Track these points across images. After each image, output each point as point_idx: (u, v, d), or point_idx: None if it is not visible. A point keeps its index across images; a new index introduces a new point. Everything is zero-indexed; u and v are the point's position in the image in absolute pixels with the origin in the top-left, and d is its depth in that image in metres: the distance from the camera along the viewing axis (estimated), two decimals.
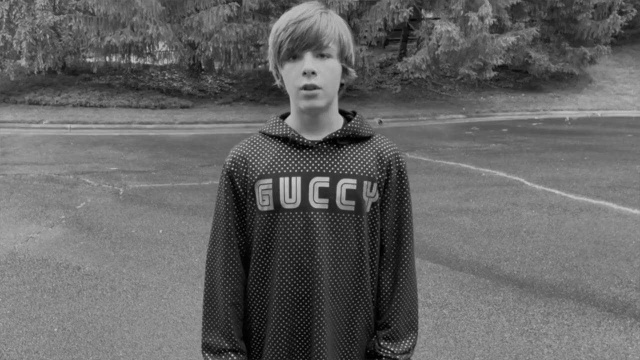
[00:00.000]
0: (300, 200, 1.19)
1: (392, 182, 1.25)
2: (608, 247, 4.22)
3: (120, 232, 4.56)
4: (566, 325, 2.99)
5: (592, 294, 3.38)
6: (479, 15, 12.36)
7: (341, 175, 1.19)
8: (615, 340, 2.82)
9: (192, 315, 3.09)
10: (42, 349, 2.73)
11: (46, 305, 3.21)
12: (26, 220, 4.88)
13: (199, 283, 3.54)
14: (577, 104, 15.94)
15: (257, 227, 1.23)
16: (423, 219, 4.95)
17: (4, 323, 3.00)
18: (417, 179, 6.62)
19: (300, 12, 1.13)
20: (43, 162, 7.73)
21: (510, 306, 3.21)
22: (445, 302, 3.27)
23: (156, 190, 6.09)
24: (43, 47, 12.23)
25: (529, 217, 5.03)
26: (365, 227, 1.23)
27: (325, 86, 1.13)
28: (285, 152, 1.21)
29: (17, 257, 3.97)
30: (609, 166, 7.38)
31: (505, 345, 2.77)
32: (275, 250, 1.21)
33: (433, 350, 2.72)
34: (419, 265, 3.84)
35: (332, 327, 1.22)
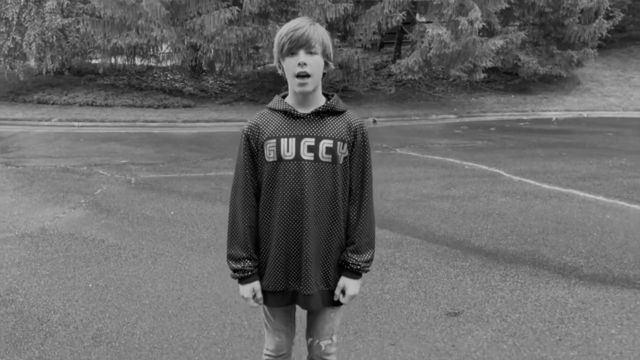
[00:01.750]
0: (295, 154, 1.74)
1: (357, 143, 1.81)
2: (568, 226, 4.79)
3: (136, 214, 5.11)
4: (519, 282, 3.56)
5: (546, 261, 3.95)
6: (469, 20, 12.94)
7: (322, 137, 1.75)
8: (559, 293, 3.39)
9: (204, 275, 3.65)
10: (81, 299, 3.28)
11: (79, 268, 3.77)
12: (50, 203, 5.44)
13: (208, 252, 4.09)
14: (565, 105, 16.52)
15: (265, 173, 1.79)
16: (407, 204, 5.51)
17: (45, 281, 3.55)
18: (405, 171, 7.19)
19: (296, 24, 1.70)
20: (57, 155, 8.28)
21: (475, 269, 3.78)
22: (420, 266, 3.84)
23: (165, 180, 6.64)
24: (51, 48, 12.79)
25: (502, 202, 5.60)
26: (339, 174, 1.79)
27: (313, 73, 1.69)
28: (285, 121, 1.77)
29: (48, 232, 4.53)
30: (584, 160, 7.96)
31: (466, 297, 3.34)
32: (277, 188, 1.77)
33: (406, 300, 3.28)
34: (400, 239, 4.41)
35: (315, 244, 1.78)
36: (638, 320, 3.03)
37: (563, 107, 16.36)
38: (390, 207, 5.38)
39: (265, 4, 13.20)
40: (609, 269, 3.80)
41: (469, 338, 2.84)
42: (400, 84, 17.18)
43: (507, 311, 3.15)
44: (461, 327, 2.96)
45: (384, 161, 7.98)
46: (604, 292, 3.41)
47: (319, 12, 12.57)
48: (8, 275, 3.62)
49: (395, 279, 3.61)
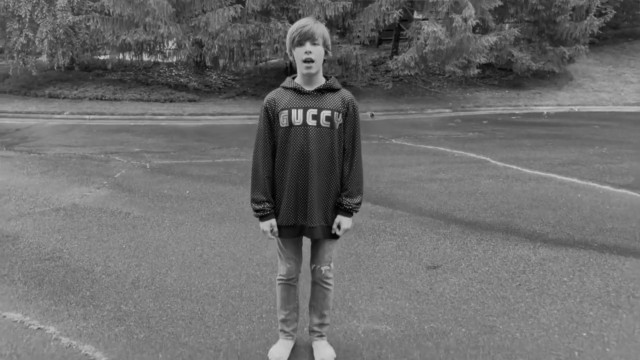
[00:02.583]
0: (302, 121, 2.31)
1: (349, 113, 2.38)
2: (541, 202, 5.37)
3: (155, 192, 5.69)
4: (492, 245, 4.14)
5: (518, 229, 4.53)
6: (463, 17, 13.48)
7: (323, 108, 2.32)
8: (524, 253, 3.97)
9: (220, 239, 4.22)
10: (118, 256, 3.85)
11: (111, 234, 4.34)
12: (76, 184, 6.01)
13: (223, 222, 4.66)
14: (557, 100, 17.08)
15: (279, 136, 2.36)
16: (399, 185, 6.09)
17: (84, 243, 4.12)
18: (398, 158, 7.77)
19: (304, 22, 2.27)
20: (74, 144, 8.85)
21: (454, 235, 4.36)
22: (407, 233, 4.42)
23: (177, 165, 7.21)
24: (62, 45, 13.33)
25: (485, 184, 6.17)
26: (335, 137, 2.36)
27: (316, 59, 2.25)
28: (295, 96, 2.34)
29: (79, 207, 5.10)
30: (566, 149, 8.54)
31: (445, 255, 3.91)
32: (289, 147, 2.34)
33: (393, 257, 3.86)
34: (391, 212, 4.99)
35: (317, 190, 2.35)
36: (588, 272, 3.61)
37: (555, 101, 16.92)
38: (383, 188, 5.96)
39: (267, 2, 13.74)
40: (571, 235, 4.38)
41: (444, 284, 3.42)
42: (398, 79, 17.74)
43: (479, 265, 3.73)
44: (438, 277, 3.54)
45: (379, 150, 8.55)
46: (563, 252, 3.99)
47: (319, 10, 13.11)
48: (52, 239, 4.20)
49: (385, 242, 4.19)
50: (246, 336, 2.77)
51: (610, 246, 4.11)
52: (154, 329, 2.83)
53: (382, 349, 2.65)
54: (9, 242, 4.12)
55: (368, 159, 7.53)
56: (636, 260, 3.82)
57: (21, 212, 4.91)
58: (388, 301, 3.17)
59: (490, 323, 2.92)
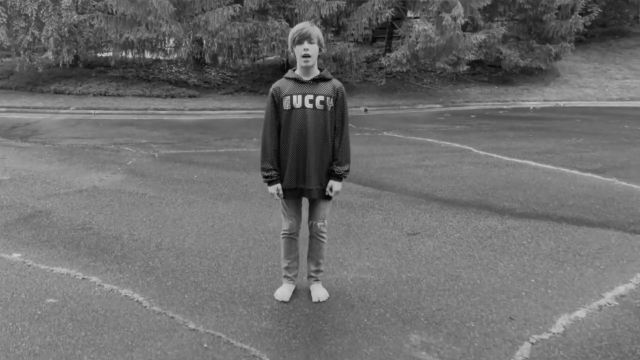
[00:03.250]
0: (301, 105, 2.91)
1: (339, 98, 2.98)
2: (514, 184, 5.99)
3: (166, 177, 6.27)
4: (465, 217, 4.75)
5: (490, 205, 5.14)
6: (452, 16, 14.08)
7: (318, 94, 2.92)
8: (493, 223, 4.58)
9: (229, 214, 4.81)
10: (140, 226, 4.44)
11: (132, 210, 4.93)
12: (93, 170, 6.59)
13: (230, 200, 5.25)
14: (544, 96, 17.71)
15: (283, 117, 2.95)
16: (387, 171, 6.70)
17: (109, 217, 4.70)
18: (388, 149, 8.37)
19: (302, 26, 2.86)
20: (84, 137, 9.41)
21: (433, 210, 4.97)
22: (392, 208, 5.02)
23: (183, 154, 7.79)
24: (67, 42, 13.86)
25: (466, 170, 6.79)
26: (328, 117, 2.95)
27: (312, 55, 2.85)
28: (295, 85, 2.94)
29: (99, 189, 5.68)
30: (545, 140, 9.17)
31: (424, 225, 4.52)
32: (291, 126, 2.93)
33: (379, 227, 4.46)
34: (379, 193, 5.59)
35: (314, 159, 2.94)
36: (544, 237, 4.23)
37: (542, 97, 17.55)
38: (373, 173, 6.57)
39: (265, 2, 14.29)
40: (535, 209, 5.00)
41: (421, 245, 4.03)
42: (391, 76, 18.34)
43: (452, 232, 4.35)
44: (417, 240, 4.15)
45: (371, 142, 9.15)
46: (526, 222, 4.61)
47: (314, 9, 13.69)
48: (80, 214, 4.78)
49: (372, 215, 4.80)
50: (255, 283, 3.37)
51: (568, 218, 4.73)
52: (178, 278, 3.43)
53: (367, 291, 3.25)
54: (43, 216, 4.71)
55: (360, 149, 8.15)
56: (588, 228, 4.45)
57: (48, 193, 5.49)
58: (373, 259, 3.78)
59: (457, 273, 3.53)
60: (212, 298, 3.15)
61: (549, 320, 2.90)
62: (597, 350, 2.60)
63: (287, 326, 2.84)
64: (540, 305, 3.07)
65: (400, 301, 3.12)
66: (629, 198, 5.39)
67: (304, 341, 2.69)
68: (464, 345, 2.65)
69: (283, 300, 3.12)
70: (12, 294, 3.19)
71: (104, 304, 3.07)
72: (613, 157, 7.53)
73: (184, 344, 2.64)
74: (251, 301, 3.12)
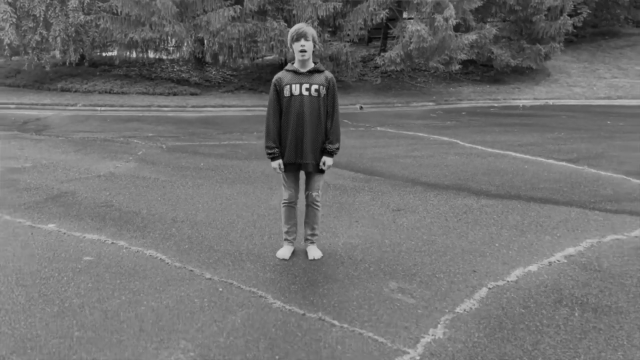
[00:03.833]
0: (299, 92, 3.48)
1: (330, 87, 3.55)
2: (494, 171, 6.57)
3: (175, 165, 6.84)
4: (445, 197, 5.32)
5: (469, 188, 5.72)
6: (444, 17, 14.68)
7: (313, 83, 3.49)
8: (470, 202, 5.15)
9: (234, 194, 5.38)
10: (157, 204, 5.00)
11: (147, 191, 5.49)
12: (107, 159, 7.15)
13: (234, 184, 5.81)
14: (534, 94, 18.32)
15: (284, 103, 3.52)
16: (378, 160, 7.27)
17: (127, 197, 5.26)
18: (380, 141, 8.95)
19: (300, 26, 3.43)
20: (94, 131, 9.97)
21: (418, 192, 5.54)
22: (380, 190, 5.60)
23: (189, 146, 8.36)
24: (74, 42, 14.40)
25: (451, 160, 7.36)
26: (321, 103, 3.53)
27: (308, 50, 3.41)
28: (294, 75, 3.51)
29: (115, 174, 6.25)
30: (529, 134, 9.76)
31: (408, 203, 5.09)
32: (290, 110, 3.50)
33: (368, 205, 5.04)
34: (370, 178, 6.17)
35: (310, 138, 3.51)
36: (513, 212, 4.80)
37: (532, 95, 18.17)
38: (365, 162, 7.14)
39: (264, 3, 14.86)
40: (509, 191, 5.58)
41: (404, 219, 4.61)
42: (386, 75, 18.93)
43: (432, 209, 4.92)
44: (400, 215, 4.72)
45: (365, 135, 9.73)
46: (499, 201, 5.19)
47: (311, 10, 14.26)
48: (101, 195, 5.35)
49: (362, 195, 5.37)
50: (260, 247, 3.94)
51: (536, 198, 5.32)
52: (194, 243, 3.99)
53: (354, 252, 3.83)
54: (68, 196, 5.27)
55: (354, 142, 8.72)
56: (552, 205, 5.03)
57: (69, 178, 6.05)
58: (361, 229, 4.36)
59: (432, 239, 4.11)
60: (223, 257, 3.72)
61: (506, 272, 3.48)
62: (542, 293, 3.18)
63: (287, 276, 3.41)
64: (500, 262, 3.65)
65: (383, 259, 3.70)
66: (595, 182, 5.98)
67: (302, 286, 3.26)
68: (433, 289, 3.22)
69: (284, 258, 3.70)
70: (53, 254, 3.76)
71: (132, 261, 3.64)
72: (588, 149, 8.13)
73: (202, 289, 3.21)
74: (257, 259, 3.69)
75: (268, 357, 2.48)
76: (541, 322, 2.82)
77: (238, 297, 3.10)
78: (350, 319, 2.85)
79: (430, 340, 2.63)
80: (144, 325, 2.77)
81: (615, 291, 3.21)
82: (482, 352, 2.54)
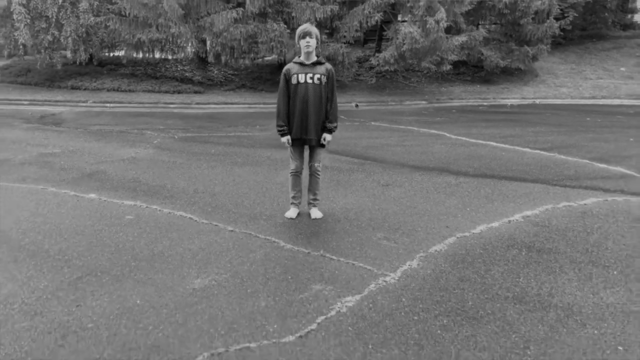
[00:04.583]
0: (304, 81, 4.28)
1: (330, 77, 4.35)
2: (474, 157, 7.37)
3: (188, 151, 7.61)
4: (428, 176, 6.12)
5: (448, 169, 6.52)
6: (435, 20, 15.50)
7: (316, 73, 4.29)
8: (449, 179, 5.95)
9: (244, 174, 6.16)
10: (179, 180, 5.78)
11: (168, 171, 6.27)
12: (127, 146, 7.93)
13: (244, 166, 6.60)
14: (522, 94, 19.19)
15: (291, 89, 4.31)
16: (371, 148, 8.07)
17: (152, 176, 6.04)
18: (374, 134, 9.76)
19: (305, 26, 4.24)
20: (108, 124, 10.73)
21: (404, 172, 6.34)
22: (371, 170, 6.39)
23: (198, 137, 9.14)
24: (84, 42, 15.17)
25: (437, 148, 8.17)
26: (323, 89, 4.33)
27: (312, 45, 4.21)
28: (300, 66, 4.30)
29: (137, 159, 7.02)
30: (511, 128, 10.58)
31: (395, 180, 5.89)
32: (297, 96, 4.29)
33: (361, 181, 5.83)
34: (363, 162, 6.96)
35: (313, 118, 4.31)
36: (485, 187, 5.60)
37: (520, 95, 19.03)
38: (360, 150, 7.94)
39: (265, 5, 15.65)
40: (485, 172, 6.39)
41: (391, 191, 5.41)
42: (381, 75, 19.76)
43: (416, 184, 5.72)
44: (389, 188, 5.52)
45: (360, 129, 10.53)
46: (475, 179, 6.00)
47: (310, 13, 15.07)
48: (128, 174, 6.12)
49: (356, 175, 6.17)
50: (271, 210, 4.73)
51: (508, 177, 6.13)
52: (215, 208, 4.78)
53: (349, 214, 4.62)
54: (100, 174, 6.05)
55: (350, 134, 9.52)
56: (520, 182, 5.84)
57: (97, 161, 6.82)
58: (355, 198, 5.15)
59: (414, 205, 4.90)
60: (241, 217, 4.51)
61: (472, 227, 4.28)
62: (498, 240, 3.98)
63: (295, 229, 4.20)
64: (469, 221, 4.45)
65: (372, 218, 4.49)
66: (562, 165, 6.79)
67: (306, 235, 4.05)
68: (412, 238, 4.02)
69: (291, 218, 4.49)
70: (100, 214, 4.54)
71: (167, 219, 4.42)
72: (563, 140, 8.95)
73: (227, 237, 3.99)
74: (269, 218, 4.48)
75: (282, 277, 3.27)
76: (494, 258, 3.62)
77: (256, 242, 3.89)
78: (345, 255, 3.64)
79: (407, 268, 3.43)
80: (184, 259, 3.55)
81: (557, 240, 4.01)
82: (445, 275, 3.34)
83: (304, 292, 3.06)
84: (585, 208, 4.85)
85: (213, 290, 3.09)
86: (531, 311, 2.88)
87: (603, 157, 7.32)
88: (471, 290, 3.13)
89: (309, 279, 3.24)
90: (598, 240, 4.02)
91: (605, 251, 3.79)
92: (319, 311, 2.84)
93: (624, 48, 24.75)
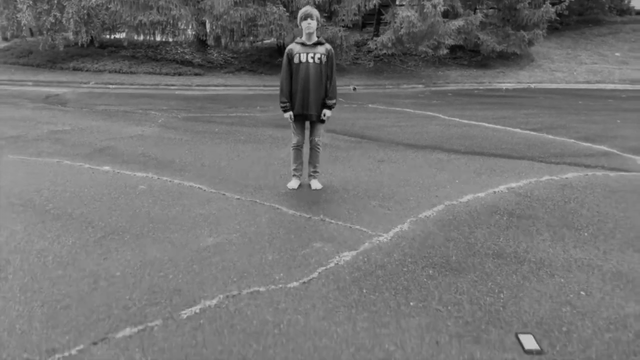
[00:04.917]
0: (306, 60, 4.60)
1: (330, 56, 4.68)
2: (465, 137, 7.71)
3: (192, 130, 7.94)
4: (421, 153, 6.47)
5: (441, 147, 6.87)
6: (432, 4, 15.73)
7: (316, 53, 4.61)
8: (440, 156, 6.31)
9: (247, 150, 6.50)
10: (185, 154, 6.12)
11: (175, 147, 6.60)
12: (133, 124, 8.24)
13: (247, 143, 6.93)
14: (517, 78, 19.47)
15: (293, 68, 4.64)
16: (368, 128, 8.40)
17: (161, 151, 6.37)
18: (371, 115, 10.08)
19: (307, 8, 4.55)
20: (112, 104, 11.02)
21: (399, 150, 6.69)
22: (367, 147, 6.74)
23: (201, 117, 9.45)
24: (86, 24, 15.36)
25: (431, 128, 8.51)
26: (323, 68, 4.65)
27: (312, 26, 4.52)
28: (302, 47, 4.62)
29: (144, 136, 7.34)
30: (504, 110, 10.91)
31: (389, 157, 6.24)
32: (299, 74, 4.61)
33: (357, 157, 6.18)
34: (360, 140, 7.30)
35: (314, 95, 4.64)
36: (474, 163, 5.96)
37: (516, 79, 19.32)
38: (357, 129, 8.27)
39: None
40: (476, 150, 6.74)
41: (386, 166, 5.76)
42: (379, 58, 19.99)
43: (409, 161, 6.08)
44: (384, 164, 5.87)
45: (357, 110, 10.85)
46: (466, 156, 6.35)
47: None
48: (138, 149, 6.45)
49: (354, 151, 6.52)
50: (274, 181, 5.08)
51: (497, 154, 6.49)
52: (221, 179, 5.12)
53: (346, 185, 4.98)
54: (111, 150, 6.38)
55: (348, 115, 9.84)
56: (508, 159, 6.20)
57: (107, 137, 7.15)
58: (352, 172, 5.50)
59: (407, 178, 5.26)
60: (246, 187, 4.86)
61: (460, 197, 4.64)
62: (483, 208, 4.35)
63: (296, 198, 4.56)
64: (457, 192, 4.82)
65: (368, 189, 4.85)
66: (549, 144, 7.15)
67: (307, 203, 4.41)
68: (404, 205, 4.38)
69: (293, 188, 4.84)
70: (115, 184, 4.88)
71: (177, 189, 4.78)
72: (552, 122, 9.30)
73: (234, 204, 4.35)
74: (272, 189, 4.83)
75: (286, 237, 3.64)
76: (479, 222, 3.99)
77: (261, 208, 4.25)
78: (343, 219, 4.00)
79: (398, 230, 3.80)
80: (197, 222, 3.91)
81: (537, 208, 4.39)
82: (433, 235, 3.71)
83: (305, 249, 3.43)
84: (566, 181, 5.22)
85: (224, 247, 3.45)
86: (507, 264, 3.25)
87: (589, 137, 7.67)
88: (455, 248, 3.50)
89: (310, 239, 3.61)
90: (574, 208, 4.39)
91: (580, 217, 4.16)
92: (320, 263, 3.21)
93: (620, 33, 24.96)
